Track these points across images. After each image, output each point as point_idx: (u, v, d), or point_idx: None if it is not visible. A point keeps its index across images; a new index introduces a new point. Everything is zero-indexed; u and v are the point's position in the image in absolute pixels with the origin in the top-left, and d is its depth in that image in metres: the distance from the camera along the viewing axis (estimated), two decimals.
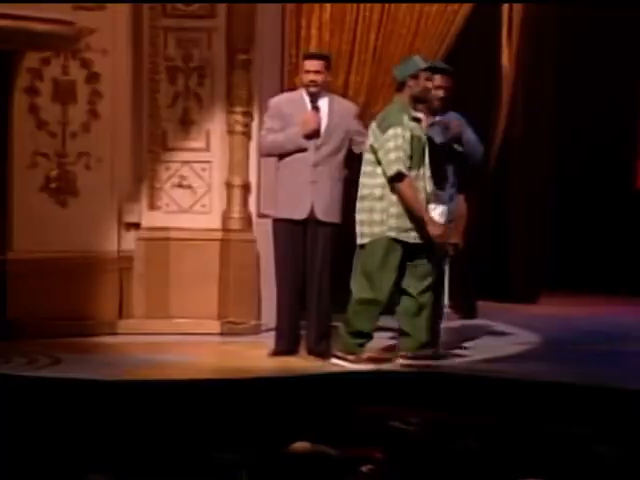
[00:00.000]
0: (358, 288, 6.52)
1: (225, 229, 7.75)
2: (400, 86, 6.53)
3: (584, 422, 4.89)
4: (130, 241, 7.72)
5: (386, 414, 4.70)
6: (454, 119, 6.77)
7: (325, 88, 6.88)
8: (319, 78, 6.81)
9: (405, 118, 6.44)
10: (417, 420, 4.38)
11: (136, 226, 7.74)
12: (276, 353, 6.87)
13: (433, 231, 6.42)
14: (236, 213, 7.77)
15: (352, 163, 6.91)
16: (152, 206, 7.78)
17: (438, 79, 6.87)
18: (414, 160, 6.44)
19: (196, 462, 4.20)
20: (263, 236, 7.42)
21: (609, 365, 6.72)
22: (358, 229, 6.55)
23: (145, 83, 7.73)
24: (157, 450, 4.65)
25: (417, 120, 6.49)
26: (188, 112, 7.75)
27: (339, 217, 6.83)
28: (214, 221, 7.75)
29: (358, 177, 6.82)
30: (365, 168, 6.56)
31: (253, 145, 7.72)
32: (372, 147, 6.50)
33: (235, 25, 7.70)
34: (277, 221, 6.89)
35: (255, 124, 7.70)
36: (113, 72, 7.62)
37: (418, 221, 6.44)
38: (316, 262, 6.78)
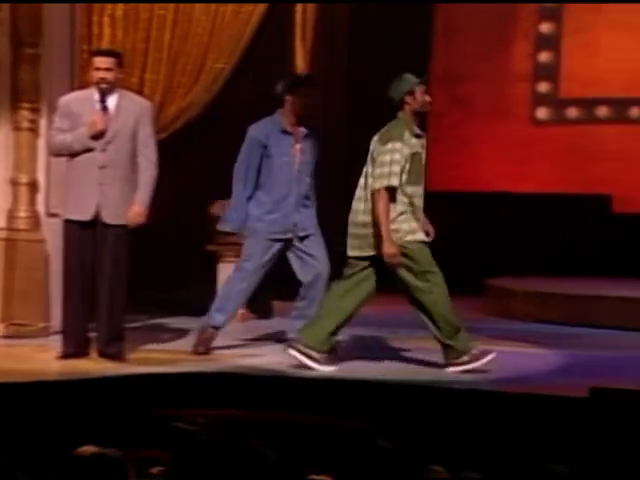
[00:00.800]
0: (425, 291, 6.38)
1: (10, 228, 7.48)
2: (399, 105, 6.44)
3: (370, 418, 4.96)
4: None
5: (174, 415, 4.66)
6: None
7: (117, 86, 6.74)
8: (109, 76, 6.65)
9: (407, 134, 6.37)
10: (202, 420, 4.36)
11: None
12: (65, 356, 6.71)
13: (388, 250, 6.28)
14: (22, 212, 7.51)
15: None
16: None
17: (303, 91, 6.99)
18: (412, 177, 6.35)
19: None
20: (53, 236, 7.22)
21: (399, 360, 6.85)
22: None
23: None
24: None
25: (419, 137, 6.42)
26: None
27: None
28: None
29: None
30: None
31: (42, 142, 7.49)
32: (372, 158, 6.42)
33: (20, 18, 7.44)
34: (66, 221, 6.73)
35: (44, 120, 7.49)
36: None
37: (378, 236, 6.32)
38: (106, 263, 6.64)
